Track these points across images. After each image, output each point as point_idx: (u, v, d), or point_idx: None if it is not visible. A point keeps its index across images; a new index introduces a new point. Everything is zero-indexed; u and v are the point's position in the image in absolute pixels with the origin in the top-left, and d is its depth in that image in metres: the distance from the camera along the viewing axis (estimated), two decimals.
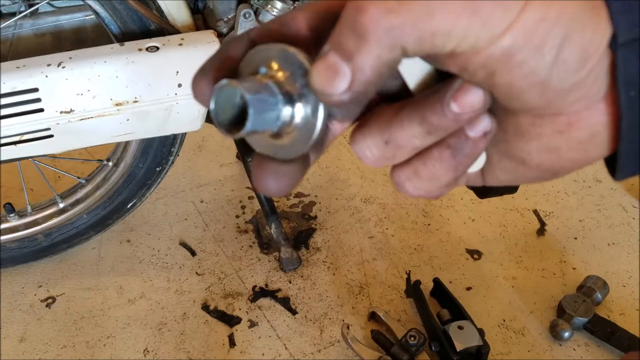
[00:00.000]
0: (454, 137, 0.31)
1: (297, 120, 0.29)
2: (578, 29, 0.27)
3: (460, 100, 0.29)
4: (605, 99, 0.29)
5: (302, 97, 0.29)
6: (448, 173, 0.31)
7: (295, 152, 0.30)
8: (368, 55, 0.26)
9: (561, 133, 0.30)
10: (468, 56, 0.27)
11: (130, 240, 1.58)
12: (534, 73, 0.27)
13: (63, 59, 1.11)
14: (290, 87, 0.29)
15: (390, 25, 0.26)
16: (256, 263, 1.52)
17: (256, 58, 0.30)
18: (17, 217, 1.41)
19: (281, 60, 0.29)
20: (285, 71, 0.29)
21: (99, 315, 1.41)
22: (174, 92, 1.16)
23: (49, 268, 1.50)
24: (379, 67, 0.27)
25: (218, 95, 0.28)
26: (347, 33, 0.27)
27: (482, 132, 0.31)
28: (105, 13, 1.16)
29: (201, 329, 1.39)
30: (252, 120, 0.27)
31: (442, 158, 0.31)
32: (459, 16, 0.26)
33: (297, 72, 0.29)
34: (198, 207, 1.67)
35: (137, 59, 1.12)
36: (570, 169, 0.31)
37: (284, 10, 1.24)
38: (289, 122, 0.29)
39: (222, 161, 1.81)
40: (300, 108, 0.29)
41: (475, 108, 0.29)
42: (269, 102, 0.28)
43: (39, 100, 1.11)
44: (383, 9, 0.26)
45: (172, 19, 1.17)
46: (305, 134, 0.29)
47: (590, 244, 1.58)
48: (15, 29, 1.21)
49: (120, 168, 1.37)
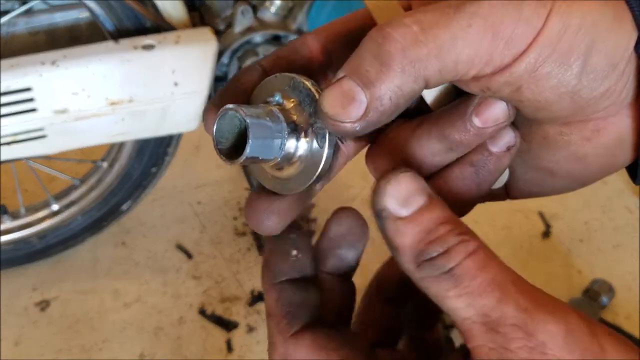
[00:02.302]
0: (476, 154, 0.30)
1: (302, 150, 0.28)
2: (603, 34, 0.26)
3: (482, 114, 0.29)
4: (631, 103, 0.28)
5: (309, 126, 0.28)
6: (470, 191, 0.30)
7: (300, 185, 0.29)
8: (389, 85, 0.25)
9: (589, 140, 0.29)
10: (490, 76, 0.26)
11: (126, 242, 1.56)
12: (563, 84, 0.26)
13: (57, 58, 1.09)
14: (297, 115, 0.28)
15: (416, 57, 0.25)
16: (254, 266, 1.51)
17: (266, 88, 0.30)
18: (10, 219, 1.40)
19: (289, 89, 0.29)
20: (294, 99, 0.29)
21: (94, 318, 1.40)
22: (170, 91, 1.15)
23: (44, 271, 1.49)
24: (398, 97, 0.26)
25: (222, 120, 0.28)
26: (369, 60, 0.25)
27: (505, 146, 0.30)
28: (99, 10, 1.14)
29: (198, 334, 1.37)
30: (252, 145, 0.27)
31: (464, 176, 0.30)
32: (481, 39, 0.25)
33: (305, 100, 0.28)
34: (195, 208, 1.65)
35: (132, 58, 1.11)
36: (597, 176, 0.31)
37: (282, 8, 1.22)
38: (293, 152, 0.28)
39: (220, 162, 1.77)
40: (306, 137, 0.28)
41: (498, 122, 0.29)
42: (272, 129, 0.27)
43: (32, 99, 1.10)
44: (410, 39, 0.25)
45: (168, 15, 1.16)
46: (312, 164, 0.28)
47: (595, 246, 1.57)
48: (8, 27, 1.20)
49: (115, 169, 1.36)
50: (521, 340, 0.24)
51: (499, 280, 0.24)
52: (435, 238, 0.25)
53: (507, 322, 0.24)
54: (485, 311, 0.24)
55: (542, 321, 0.24)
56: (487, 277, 0.24)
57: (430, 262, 0.25)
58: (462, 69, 0.26)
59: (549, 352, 0.23)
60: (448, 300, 0.25)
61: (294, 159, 0.29)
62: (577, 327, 0.24)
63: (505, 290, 0.24)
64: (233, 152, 0.28)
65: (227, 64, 1.26)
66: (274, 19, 1.24)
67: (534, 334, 0.24)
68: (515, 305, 0.24)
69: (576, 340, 0.24)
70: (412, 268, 0.25)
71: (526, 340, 0.24)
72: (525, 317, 0.24)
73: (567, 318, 0.24)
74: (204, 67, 1.15)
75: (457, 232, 0.25)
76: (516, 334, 0.24)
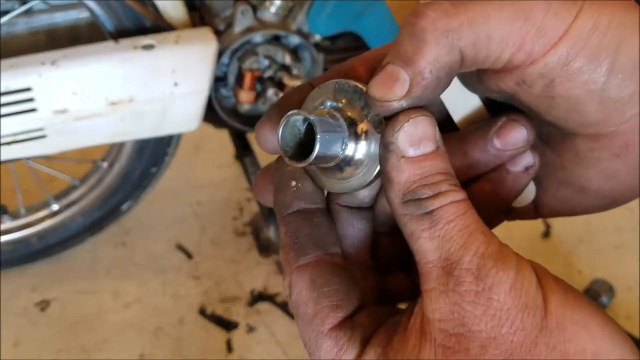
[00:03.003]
0: (495, 172, 0.32)
1: (361, 146, 0.29)
2: (630, 35, 0.27)
3: (503, 137, 0.31)
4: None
5: (364, 118, 0.29)
6: (489, 208, 0.32)
7: (363, 181, 0.30)
8: (427, 58, 0.27)
9: (618, 156, 0.30)
10: (525, 67, 0.27)
11: (126, 242, 1.56)
12: (592, 81, 0.27)
13: (57, 58, 1.10)
14: (350, 111, 0.30)
15: (448, 27, 0.27)
16: (254, 266, 1.51)
17: (313, 98, 0.31)
18: (10, 219, 1.40)
19: (336, 93, 0.30)
20: (343, 99, 0.30)
21: (94, 319, 1.40)
22: (170, 91, 1.15)
23: (43, 271, 1.48)
24: (438, 70, 0.27)
25: (284, 129, 0.29)
26: (406, 39, 0.27)
27: (524, 167, 0.32)
28: (99, 10, 1.15)
29: (198, 334, 1.37)
30: (320, 141, 0.28)
31: (482, 192, 0.32)
32: (513, 21, 0.26)
33: (354, 96, 0.30)
34: (195, 209, 1.65)
35: (132, 57, 1.11)
36: (628, 196, 0.32)
37: (282, 8, 1.22)
38: (354, 148, 0.29)
39: (220, 162, 1.79)
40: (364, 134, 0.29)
41: (517, 146, 0.31)
42: (333, 125, 0.29)
43: (32, 100, 1.10)
44: (440, 12, 0.27)
45: (167, 15, 1.16)
46: (372, 158, 0.29)
47: (596, 247, 1.57)
48: (8, 27, 1.20)
49: (115, 169, 1.36)
50: (470, 284, 0.25)
51: (470, 229, 0.26)
52: (428, 183, 0.27)
53: (462, 266, 0.25)
54: (447, 255, 0.25)
55: (493, 268, 0.25)
56: (461, 223, 0.26)
57: (416, 201, 0.26)
58: (496, 48, 0.27)
59: (494, 297, 0.25)
60: (421, 240, 0.26)
61: (354, 156, 0.29)
62: (526, 277, 0.25)
63: (471, 238, 0.26)
64: (300, 156, 0.29)
65: (227, 64, 1.26)
66: (274, 19, 1.24)
67: (484, 279, 0.25)
68: (474, 252, 0.25)
69: (523, 288, 0.25)
70: (398, 202, 0.27)
71: (474, 284, 0.25)
72: (479, 262, 0.25)
73: (519, 268, 0.26)
74: (204, 67, 1.15)
75: (450, 182, 0.27)
76: (466, 277, 0.25)
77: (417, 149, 0.27)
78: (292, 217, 0.31)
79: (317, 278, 0.29)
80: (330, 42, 1.31)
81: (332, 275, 0.29)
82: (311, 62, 1.30)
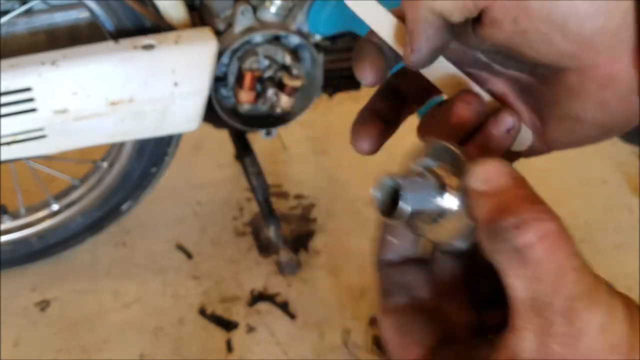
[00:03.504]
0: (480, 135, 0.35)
1: (453, 199, 0.30)
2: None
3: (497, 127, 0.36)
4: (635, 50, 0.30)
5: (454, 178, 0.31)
6: None
7: (454, 233, 0.31)
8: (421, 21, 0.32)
9: (606, 87, 0.31)
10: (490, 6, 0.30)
11: (126, 242, 1.56)
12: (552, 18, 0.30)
13: (57, 57, 1.10)
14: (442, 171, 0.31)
15: None
16: (254, 266, 1.51)
17: (419, 152, 0.33)
18: (10, 219, 1.40)
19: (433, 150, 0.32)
20: (441, 163, 0.31)
21: (94, 319, 1.40)
22: (170, 91, 1.15)
23: (43, 271, 1.48)
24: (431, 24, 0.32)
25: (381, 190, 0.31)
26: None
27: (506, 129, 0.35)
28: (99, 10, 1.15)
29: (198, 334, 1.37)
30: (408, 203, 0.29)
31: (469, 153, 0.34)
32: None
33: (447, 155, 0.31)
34: (195, 209, 1.65)
35: (132, 57, 1.11)
36: (624, 123, 0.33)
37: (282, 8, 1.22)
38: (445, 204, 0.30)
39: (220, 162, 1.79)
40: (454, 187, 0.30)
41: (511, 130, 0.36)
42: (421, 184, 0.30)
43: (32, 99, 1.10)
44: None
45: (167, 15, 1.16)
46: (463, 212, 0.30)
47: (596, 247, 1.57)
48: (8, 27, 1.20)
49: (115, 169, 1.36)
50: (559, 326, 0.24)
51: (562, 269, 0.25)
52: (510, 209, 0.26)
53: (553, 309, 0.25)
54: (537, 295, 0.25)
55: (584, 311, 0.25)
56: (552, 266, 0.25)
57: (502, 234, 0.25)
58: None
59: (583, 338, 0.24)
60: (510, 277, 0.25)
61: (447, 209, 0.30)
62: (617, 317, 0.25)
63: (563, 279, 0.25)
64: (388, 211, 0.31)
65: (227, 64, 1.26)
66: (274, 19, 1.23)
67: (574, 322, 0.24)
68: (566, 295, 0.25)
69: (612, 329, 0.25)
70: (485, 239, 0.26)
71: (564, 326, 0.24)
72: (570, 305, 0.25)
73: (610, 308, 0.25)
74: (204, 67, 1.15)
75: (535, 209, 0.26)
76: (556, 319, 0.25)
77: (490, 184, 0.27)
78: (383, 267, 0.35)
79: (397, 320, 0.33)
80: (330, 42, 1.31)
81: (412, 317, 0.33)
82: (311, 62, 1.30)
